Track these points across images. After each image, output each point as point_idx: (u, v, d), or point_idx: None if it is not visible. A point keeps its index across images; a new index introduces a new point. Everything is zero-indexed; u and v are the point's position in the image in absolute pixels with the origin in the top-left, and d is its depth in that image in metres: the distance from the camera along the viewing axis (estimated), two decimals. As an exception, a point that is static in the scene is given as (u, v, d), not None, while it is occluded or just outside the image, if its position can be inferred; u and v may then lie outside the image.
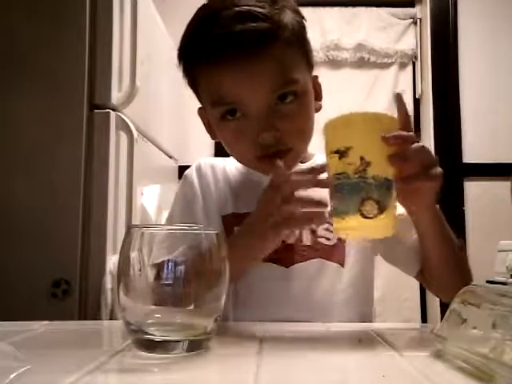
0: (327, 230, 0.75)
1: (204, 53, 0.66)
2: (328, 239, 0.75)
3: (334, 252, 0.75)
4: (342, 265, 0.75)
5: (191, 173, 0.83)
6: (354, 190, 0.51)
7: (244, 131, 0.68)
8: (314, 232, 0.75)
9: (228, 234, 0.74)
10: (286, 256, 0.73)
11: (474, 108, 2.20)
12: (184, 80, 0.75)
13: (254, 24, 0.63)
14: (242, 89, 0.66)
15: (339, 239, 0.76)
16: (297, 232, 0.74)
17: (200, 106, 0.77)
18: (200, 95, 0.74)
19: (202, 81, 0.71)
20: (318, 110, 0.76)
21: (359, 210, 0.50)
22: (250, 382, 0.37)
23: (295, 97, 0.68)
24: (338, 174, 0.52)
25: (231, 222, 0.75)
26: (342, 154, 0.52)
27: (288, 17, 0.68)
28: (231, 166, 0.84)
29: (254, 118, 0.67)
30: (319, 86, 0.77)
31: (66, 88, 1.28)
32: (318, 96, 0.76)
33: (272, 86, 0.66)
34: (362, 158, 0.51)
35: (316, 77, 0.76)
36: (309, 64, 0.73)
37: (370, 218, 0.50)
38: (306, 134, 0.73)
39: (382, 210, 0.51)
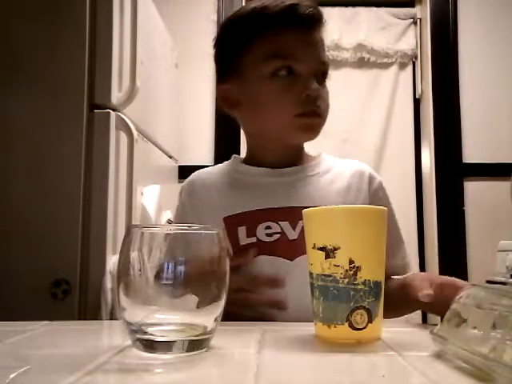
0: None
1: (273, 15, 0.78)
2: None
3: None
4: None
5: (182, 188, 0.89)
6: (343, 298, 0.48)
7: (292, 87, 0.77)
8: None
9: (229, 233, 0.76)
10: (289, 249, 0.75)
11: (473, 108, 2.20)
12: (219, 54, 0.86)
13: (313, 5, 0.82)
14: (302, 49, 0.79)
15: None
16: (299, 229, 0.76)
17: (219, 81, 0.86)
18: (241, 62, 0.81)
19: (256, 43, 0.79)
20: None
21: (348, 321, 0.48)
22: (250, 382, 0.37)
23: (325, 80, 0.83)
24: (324, 275, 0.49)
25: (231, 222, 0.78)
26: (328, 253, 0.49)
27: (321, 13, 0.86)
28: (218, 173, 0.88)
29: (303, 78, 0.78)
30: None
31: (66, 88, 1.28)
32: None
33: (322, 56, 0.81)
34: (351, 261, 0.48)
35: None
36: None
37: (360, 329, 0.48)
38: (328, 114, 0.82)
39: (371, 319, 0.49)
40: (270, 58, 0.78)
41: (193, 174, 0.90)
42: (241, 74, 0.82)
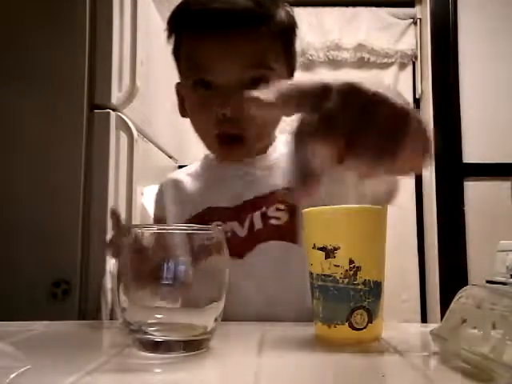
0: (277, 209, 0.73)
1: (189, 20, 0.70)
2: (278, 219, 0.73)
3: (286, 231, 0.73)
4: (295, 242, 0.73)
5: (155, 197, 0.89)
6: (343, 298, 0.48)
7: (209, 102, 0.69)
8: (264, 215, 0.74)
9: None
10: (238, 247, 0.72)
11: (473, 108, 2.20)
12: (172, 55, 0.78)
13: (242, 3, 0.67)
14: (216, 59, 0.68)
15: (291, 216, 0.73)
16: (248, 221, 0.74)
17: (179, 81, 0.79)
18: (180, 66, 0.76)
19: (182, 49, 0.73)
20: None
21: (348, 321, 0.48)
22: (250, 382, 0.37)
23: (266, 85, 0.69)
24: (324, 275, 0.49)
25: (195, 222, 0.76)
26: (328, 253, 0.49)
27: (280, 14, 0.72)
28: (187, 174, 0.87)
29: (223, 92, 0.68)
30: None
31: (66, 88, 1.28)
32: None
33: (244, 63, 0.68)
34: (351, 261, 0.48)
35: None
36: (289, 68, 0.76)
37: (360, 329, 0.49)
38: (264, 131, 0.74)
39: (371, 319, 0.49)
40: (186, 70, 0.72)
41: (161, 182, 0.90)
42: (180, 72, 0.77)
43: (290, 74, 0.77)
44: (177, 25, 0.73)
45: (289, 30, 0.75)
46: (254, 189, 0.76)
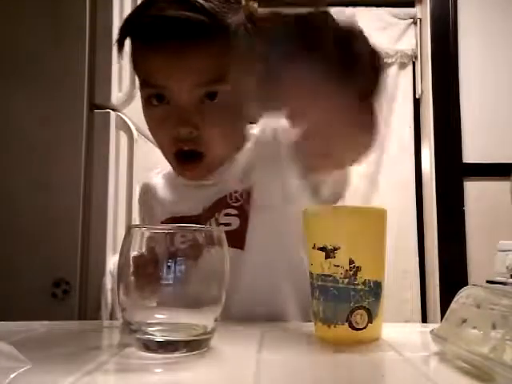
0: (228, 214, 0.71)
1: (139, 31, 0.66)
2: (229, 225, 0.71)
3: (235, 237, 0.70)
4: (242, 247, 0.70)
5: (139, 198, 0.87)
6: (343, 298, 0.48)
7: (165, 120, 0.66)
8: (216, 220, 0.72)
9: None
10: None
11: (473, 108, 2.20)
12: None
13: (190, 14, 0.61)
14: (169, 74, 0.64)
15: (243, 222, 0.70)
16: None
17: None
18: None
19: (137, 60, 0.69)
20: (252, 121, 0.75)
21: (348, 321, 0.48)
22: (250, 382, 0.37)
23: (225, 100, 0.65)
24: (324, 275, 0.49)
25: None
26: (328, 253, 0.49)
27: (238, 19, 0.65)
28: (157, 181, 0.85)
29: (177, 109, 0.65)
30: None
31: (66, 88, 1.28)
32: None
33: (198, 78, 0.64)
34: (351, 261, 0.48)
35: None
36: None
37: (360, 329, 0.49)
38: (225, 144, 0.70)
39: (371, 319, 0.49)
40: (142, 85, 0.68)
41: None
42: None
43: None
44: (129, 34, 0.69)
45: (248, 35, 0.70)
46: (210, 196, 0.73)
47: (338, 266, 0.48)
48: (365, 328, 0.49)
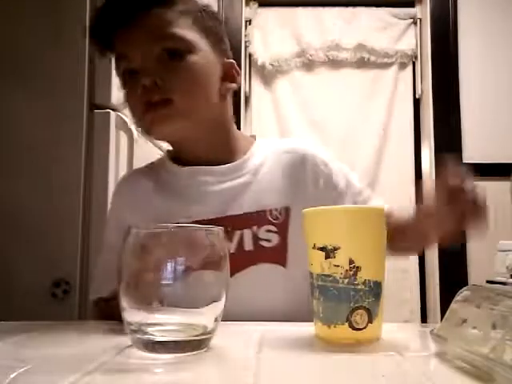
0: (269, 231, 0.73)
1: (103, 21, 0.74)
2: (269, 241, 0.73)
3: (276, 253, 0.73)
4: (284, 265, 0.73)
5: (112, 197, 0.87)
6: (343, 298, 0.48)
7: (135, 84, 0.71)
8: (255, 236, 0.73)
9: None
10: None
11: (473, 108, 2.20)
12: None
13: None
14: (129, 43, 0.72)
15: (282, 239, 0.73)
16: (237, 237, 0.72)
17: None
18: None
19: (107, 54, 0.77)
20: (226, 90, 0.78)
21: (348, 320, 0.48)
22: (250, 382, 0.37)
23: (181, 57, 0.72)
24: (324, 275, 0.49)
25: None
26: (328, 253, 0.49)
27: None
28: (147, 172, 0.84)
29: (142, 68, 0.71)
30: (235, 70, 0.80)
31: (66, 88, 1.28)
32: (231, 79, 0.79)
33: (153, 38, 0.71)
34: (351, 261, 0.48)
35: (231, 62, 0.79)
36: (213, 42, 0.76)
37: (360, 329, 0.49)
38: (190, 93, 0.72)
39: (371, 319, 0.49)
40: (116, 64, 0.76)
41: (126, 172, 0.86)
42: None
43: (223, 55, 0.78)
44: (98, 31, 0.76)
45: (197, 7, 0.77)
46: (241, 203, 0.74)
47: (338, 265, 0.48)
48: (365, 328, 0.49)
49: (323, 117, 2.33)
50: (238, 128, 0.89)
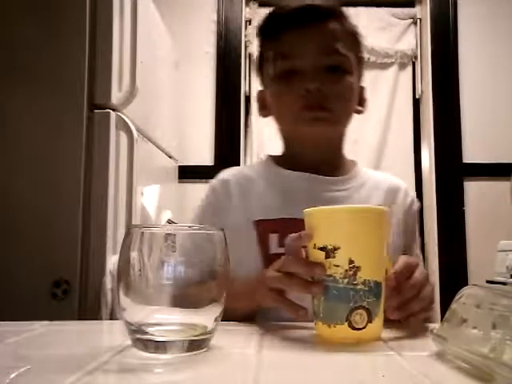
0: None
1: (277, 24, 0.81)
2: None
3: None
4: None
5: (213, 187, 0.85)
6: (343, 298, 0.48)
7: (295, 83, 0.77)
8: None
9: (260, 239, 0.75)
10: None
11: (473, 108, 2.20)
12: (255, 63, 0.88)
13: (319, 3, 0.81)
14: (301, 44, 0.78)
15: None
16: None
17: (260, 89, 0.89)
18: (263, 75, 0.86)
19: (270, 52, 0.82)
20: (357, 112, 0.86)
21: (347, 320, 0.48)
22: (250, 382, 0.37)
23: (342, 74, 0.79)
24: (324, 275, 0.49)
25: (264, 228, 0.76)
26: (328, 252, 0.49)
27: (348, 18, 0.84)
28: (253, 173, 0.86)
29: (304, 75, 0.77)
30: (365, 95, 0.88)
31: (66, 88, 1.28)
32: (362, 102, 0.87)
33: (326, 50, 0.78)
34: (351, 261, 0.48)
35: (364, 88, 0.88)
36: (360, 66, 0.84)
37: (360, 329, 0.49)
38: (345, 109, 0.81)
39: (371, 319, 0.49)
40: (277, 59, 0.80)
41: (224, 172, 0.86)
42: (264, 78, 0.86)
43: (360, 76, 0.85)
44: (266, 30, 0.83)
45: (357, 34, 0.85)
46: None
47: (338, 265, 0.48)
48: (364, 328, 0.49)
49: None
50: (239, 128, 0.90)
